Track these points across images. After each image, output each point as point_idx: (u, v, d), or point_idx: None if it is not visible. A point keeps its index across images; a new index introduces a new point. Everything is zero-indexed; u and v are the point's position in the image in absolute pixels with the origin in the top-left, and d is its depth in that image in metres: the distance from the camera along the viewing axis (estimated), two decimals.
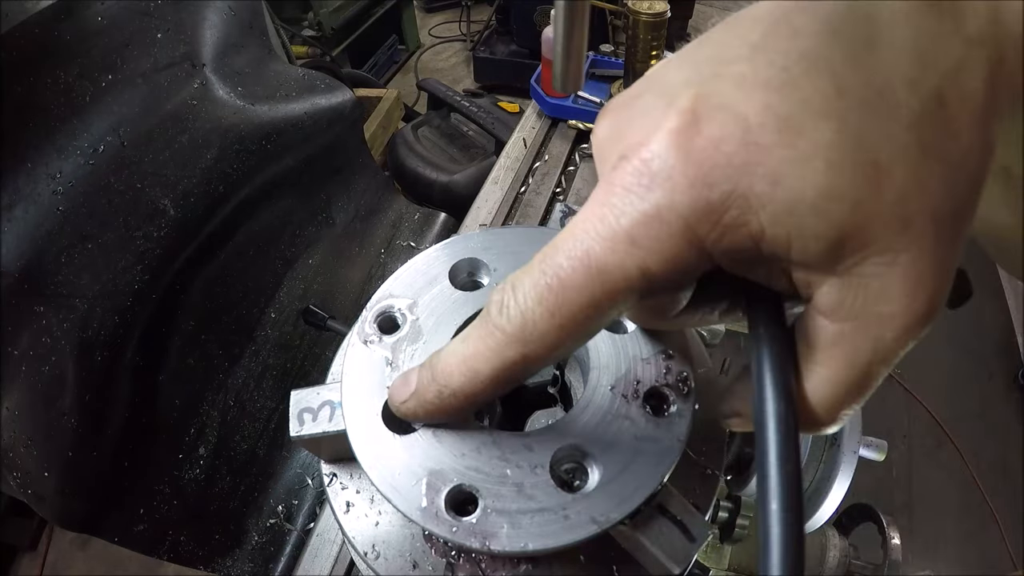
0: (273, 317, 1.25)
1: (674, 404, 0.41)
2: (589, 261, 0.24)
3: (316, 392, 0.44)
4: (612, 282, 0.24)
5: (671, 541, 0.37)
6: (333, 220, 1.41)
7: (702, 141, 0.22)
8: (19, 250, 0.82)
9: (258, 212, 1.21)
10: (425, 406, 0.33)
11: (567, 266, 0.25)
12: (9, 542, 1.81)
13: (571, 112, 1.34)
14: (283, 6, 2.78)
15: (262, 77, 1.22)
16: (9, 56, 0.83)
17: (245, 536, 1.08)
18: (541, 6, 3.09)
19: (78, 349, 0.86)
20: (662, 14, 1.20)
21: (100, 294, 0.89)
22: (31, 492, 0.84)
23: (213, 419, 1.11)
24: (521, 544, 0.34)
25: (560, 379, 0.56)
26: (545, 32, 1.36)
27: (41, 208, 0.85)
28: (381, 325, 0.45)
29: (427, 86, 2.37)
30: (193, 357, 1.09)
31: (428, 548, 0.43)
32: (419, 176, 2.05)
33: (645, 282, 0.24)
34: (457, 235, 0.51)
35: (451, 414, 0.33)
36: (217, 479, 1.09)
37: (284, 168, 1.24)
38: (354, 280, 1.43)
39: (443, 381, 0.31)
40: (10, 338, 0.81)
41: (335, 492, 0.46)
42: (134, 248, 0.94)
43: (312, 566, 0.67)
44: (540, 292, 0.26)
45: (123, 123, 0.96)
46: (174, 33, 1.06)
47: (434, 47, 4.17)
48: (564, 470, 0.39)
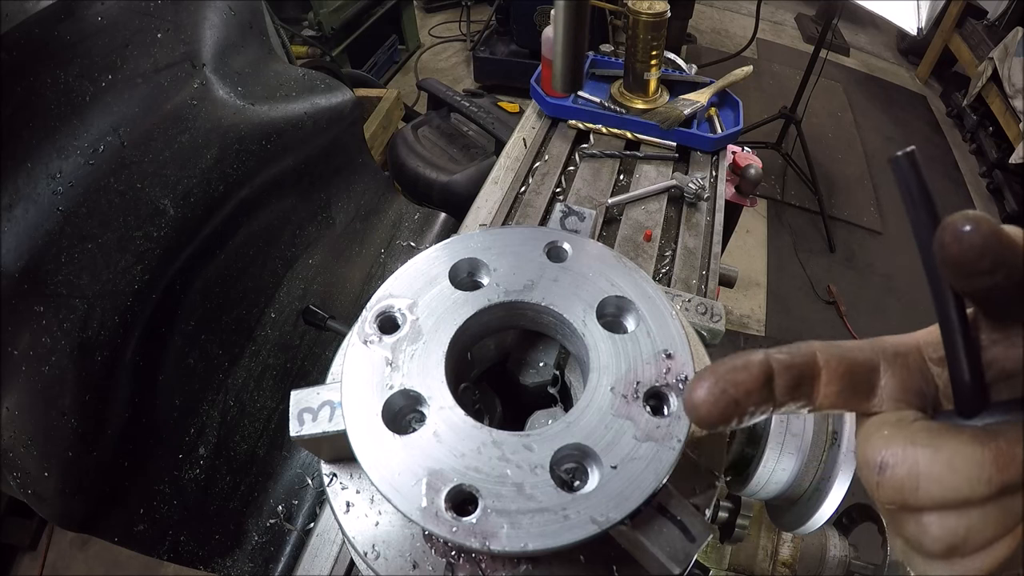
0: (273, 317, 1.25)
1: (674, 404, 0.41)
2: None
3: (316, 392, 0.44)
4: None
5: (671, 541, 0.37)
6: (333, 220, 1.41)
7: None
8: (19, 250, 0.82)
9: (258, 212, 1.21)
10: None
11: None
12: (9, 542, 1.81)
13: (571, 112, 1.34)
14: (283, 6, 2.78)
15: (262, 77, 1.22)
16: (9, 56, 0.83)
17: (245, 536, 1.08)
18: (541, 6, 3.09)
19: (78, 349, 0.85)
20: (662, 14, 1.20)
21: (100, 294, 0.89)
22: (31, 492, 0.84)
23: (213, 419, 1.11)
24: (521, 544, 0.34)
25: (560, 379, 0.56)
26: (545, 32, 1.36)
27: (41, 208, 0.84)
28: (381, 325, 0.45)
29: (427, 86, 2.37)
30: (193, 357, 1.08)
31: (428, 548, 0.43)
32: (419, 176, 2.05)
33: None
34: (457, 235, 0.51)
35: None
36: (217, 479, 1.08)
37: (284, 168, 1.24)
38: (354, 280, 1.43)
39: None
40: (10, 338, 0.81)
41: (335, 492, 0.46)
42: (134, 248, 0.94)
43: (312, 566, 0.67)
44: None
45: (123, 123, 0.96)
46: (174, 33, 1.06)
47: (434, 47, 4.17)
48: (564, 470, 0.39)
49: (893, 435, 0.25)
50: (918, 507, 0.24)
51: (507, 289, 0.47)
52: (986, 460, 0.22)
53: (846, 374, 0.28)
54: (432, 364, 0.43)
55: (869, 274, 2.94)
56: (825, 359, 0.28)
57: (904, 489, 0.24)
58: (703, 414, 0.28)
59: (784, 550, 1.00)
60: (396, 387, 0.41)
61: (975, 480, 0.22)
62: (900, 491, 0.24)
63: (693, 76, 1.44)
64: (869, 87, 4.25)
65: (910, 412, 0.27)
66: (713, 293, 1.03)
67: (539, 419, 0.51)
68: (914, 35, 2.57)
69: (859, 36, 4.81)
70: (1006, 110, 3.29)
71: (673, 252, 1.09)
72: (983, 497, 0.23)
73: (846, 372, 0.28)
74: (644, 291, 0.47)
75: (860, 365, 0.29)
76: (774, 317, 2.67)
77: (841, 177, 3.42)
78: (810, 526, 0.65)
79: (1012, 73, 3.23)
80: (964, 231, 0.22)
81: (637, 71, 1.30)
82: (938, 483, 0.23)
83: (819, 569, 0.99)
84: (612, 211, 1.15)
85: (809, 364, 0.28)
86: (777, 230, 3.08)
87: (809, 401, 0.29)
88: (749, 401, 0.28)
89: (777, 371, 0.28)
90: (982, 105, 3.61)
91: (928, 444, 0.24)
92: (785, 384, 0.28)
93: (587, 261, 0.49)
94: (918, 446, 0.24)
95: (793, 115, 3.03)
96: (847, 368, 0.28)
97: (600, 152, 1.27)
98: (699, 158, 1.29)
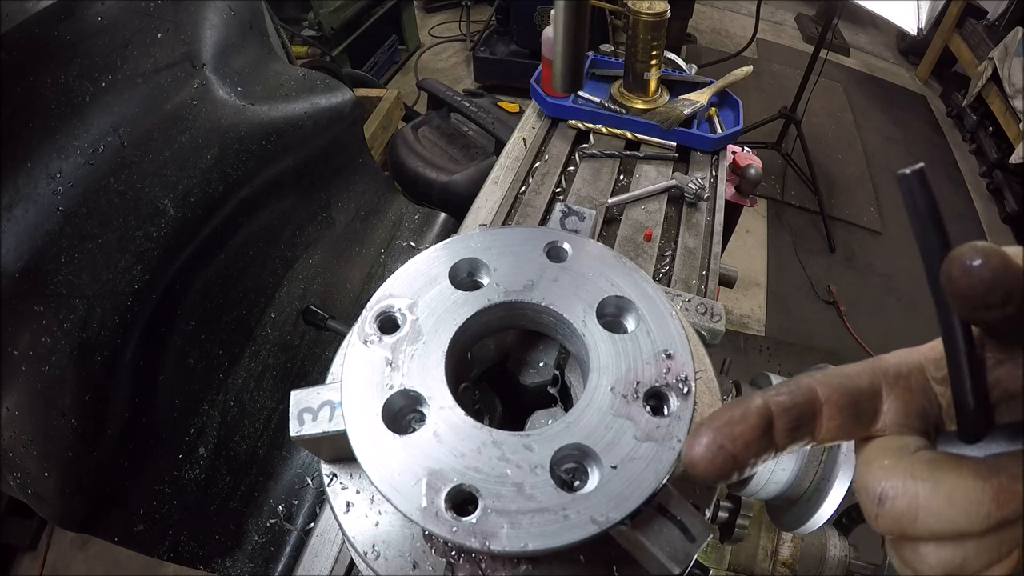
0: (273, 317, 1.25)
1: (674, 404, 0.41)
2: None
3: (316, 392, 0.44)
4: None
5: (671, 541, 0.37)
6: (333, 220, 1.41)
7: None
8: (19, 250, 0.82)
9: (258, 212, 1.21)
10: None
11: None
12: (9, 542, 1.81)
13: (571, 112, 1.34)
14: (283, 6, 2.78)
15: (262, 77, 1.22)
16: (9, 56, 0.83)
17: (245, 536, 1.08)
18: (541, 6, 3.09)
19: (78, 349, 0.85)
20: (662, 14, 1.20)
21: (100, 294, 0.89)
22: (31, 492, 0.84)
23: (213, 419, 1.11)
24: (521, 544, 0.34)
25: (560, 379, 0.56)
26: (545, 32, 1.36)
27: (41, 208, 0.84)
28: (381, 325, 0.45)
29: (427, 86, 2.37)
30: (193, 357, 1.08)
31: (428, 548, 0.43)
32: (419, 176, 2.05)
33: None
34: (457, 235, 0.51)
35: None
36: (217, 479, 1.08)
37: (284, 168, 1.24)
38: (354, 280, 1.43)
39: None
40: (10, 338, 0.81)
41: (335, 492, 0.46)
42: (134, 248, 0.94)
43: (312, 566, 0.67)
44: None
45: (123, 123, 0.96)
46: (174, 33, 1.06)
47: (434, 47, 4.17)
48: (564, 470, 0.39)
49: (894, 465, 0.25)
50: (915, 537, 0.25)
51: (507, 289, 0.47)
52: (986, 497, 0.22)
53: (848, 406, 0.28)
54: (432, 364, 0.43)
55: (869, 274, 2.94)
56: (826, 394, 0.28)
57: (903, 521, 0.24)
58: (701, 471, 0.28)
59: (784, 550, 1.00)
60: (396, 387, 0.41)
61: (974, 516, 0.23)
62: (898, 522, 0.24)
63: (693, 76, 1.44)
64: (869, 87, 4.25)
65: (912, 439, 0.27)
66: (713, 293, 1.03)
67: (539, 419, 0.51)
68: (914, 35, 2.57)
69: (859, 36, 4.81)
70: (1006, 110, 3.29)
71: (673, 252, 1.09)
72: (982, 531, 0.23)
73: (848, 404, 0.28)
74: (644, 291, 0.47)
75: (862, 393, 0.28)
76: (774, 317, 2.67)
77: (841, 177, 3.42)
78: (810, 526, 0.65)
79: (1012, 73, 3.23)
80: (973, 265, 0.22)
81: (637, 71, 1.30)
82: (937, 517, 0.23)
83: (819, 569, 0.99)
84: (612, 211, 1.15)
85: (810, 402, 0.28)
86: (777, 230, 3.08)
87: (812, 438, 0.28)
88: (748, 454, 0.27)
89: (776, 415, 0.27)
90: (982, 105, 3.61)
91: (928, 478, 0.24)
92: (785, 428, 0.28)
93: (587, 261, 0.49)
94: (918, 479, 0.24)
95: (793, 115, 3.03)
96: (849, 400, 0.28)
97: (600, 152, 1.27)
98: (699, 158, 1.29)
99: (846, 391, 0.28)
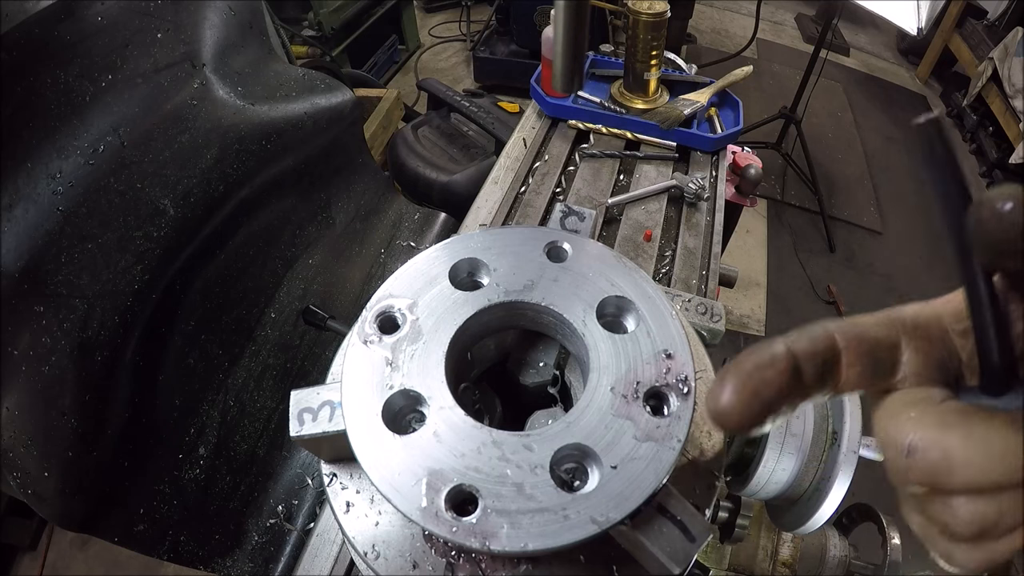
0: (273, 317, 1.25)
1: (674, 404, 0.41)
2: None
3: (316, 392, 0.44)
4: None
5: (671, 541, 0.37)
6: (333, 220, 1.41)
7: None
8: (19, 250, 0.82)
9: (258, 212, 1.21)
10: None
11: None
12: (9, 542, 1.81)
13: (571, 112, 1.34)
14: (283, 6, 2.78)
15: (262, 77, 1.22)
16: (9, 56, 0.83)
17: (245, 536, 1.08)
18: (541, 6, 3.09)
19: (78, 349, 0.85)
20: (662, 14, 1.20)
21: (100, 294, 0.89)
22: (31, 492, 0.84)
23: (213, 419, 1.11)
24: (521, 544, 0.34)
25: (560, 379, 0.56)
26: (545, 32, 1.36)
27: (41, 208, 0.84)
28: (381, 325, 0.45)
29: (427, 86, 2.37)
30: (193, 357, 1.08)
31: (428, 548, 0.43)
32: (419, 176, 2.05)
33: None
34: (457, 235, 0.51)
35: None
36: (217, 479, 1.08)
37: (284, 168, 1.24)
38: (354, 280, 1.43)
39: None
40: (10, 338, 0.81)
41: (335, 492, 0.46)
42: (134, 248, 0.94)
43: (312, 566, 0.67)
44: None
45: (123, 123, 0.96)
46: (174, 33, 1.06)
47: (434, 47, 4.17)
48: (564, 470, 0.39)
49: (921, 416, 0.24)
50: (949, 490, 0.24)
51: (507, 289, 0.47)
52: (1022, 446, 0.22)
53: (867, 354, 0.27)
54: (432, 364, 0.43)
55: (869, 274, 2.94)
56: (845, 341, 0.27)
57: (936, 472, 0.23)
58: (735, 421, 0.26)
59: (784, 550, 1.00)
60: (396, 387, 0.41)
61: (1012, 467, 0.22)
62: (931, 474, 0.23)
63: (693, 76, 1.44)
64: (869, 87, 4.25)
65: (936, 390, 0.26)
66: (713, 293, 1.03)
67: (539, 419, 0.51)
68: (914, 35, 2.57)
69: (859, 36, 4.81)
70: (1006, 110, 3.28)
71: (673, 252, 1.09)
72: (1017, 483, 0.22)
73: (867, 352, 0.27)
74: (644, 291, 0.47)
75: (880, 343, 0.27)
76: (774, 317, 2.67)
77: (841, 177, 3.42)
78: (810, 526, 0.65)
79: (1012, 73, 3.23)
80: (1005, 209, 0.21)
81: (637, 71, 1.30)
82: (974, 467, 0.22)
83: (819, 569, 0.99)
84: (612, 211, 1.15)
85: (829, 348, 0.27)
86: (777, 230, 3.08)
87: (833, 387, 0.27)
88: (782, 400, 0.26)
89: (803, 360, 0.26)
90: (982, 105, 3.61)
91: (962, 428, 0.23)
92: (812, 373, 0.26)
93: (587, 261, 0.49)
94: (951, 430, 0.23)
95: (793, 115, 3.03)
96: (868, 348, 0.27)
97: (600, 152, 1.27)
98: (699, 158, 1.29)
99: (864, 339, 0.27)
